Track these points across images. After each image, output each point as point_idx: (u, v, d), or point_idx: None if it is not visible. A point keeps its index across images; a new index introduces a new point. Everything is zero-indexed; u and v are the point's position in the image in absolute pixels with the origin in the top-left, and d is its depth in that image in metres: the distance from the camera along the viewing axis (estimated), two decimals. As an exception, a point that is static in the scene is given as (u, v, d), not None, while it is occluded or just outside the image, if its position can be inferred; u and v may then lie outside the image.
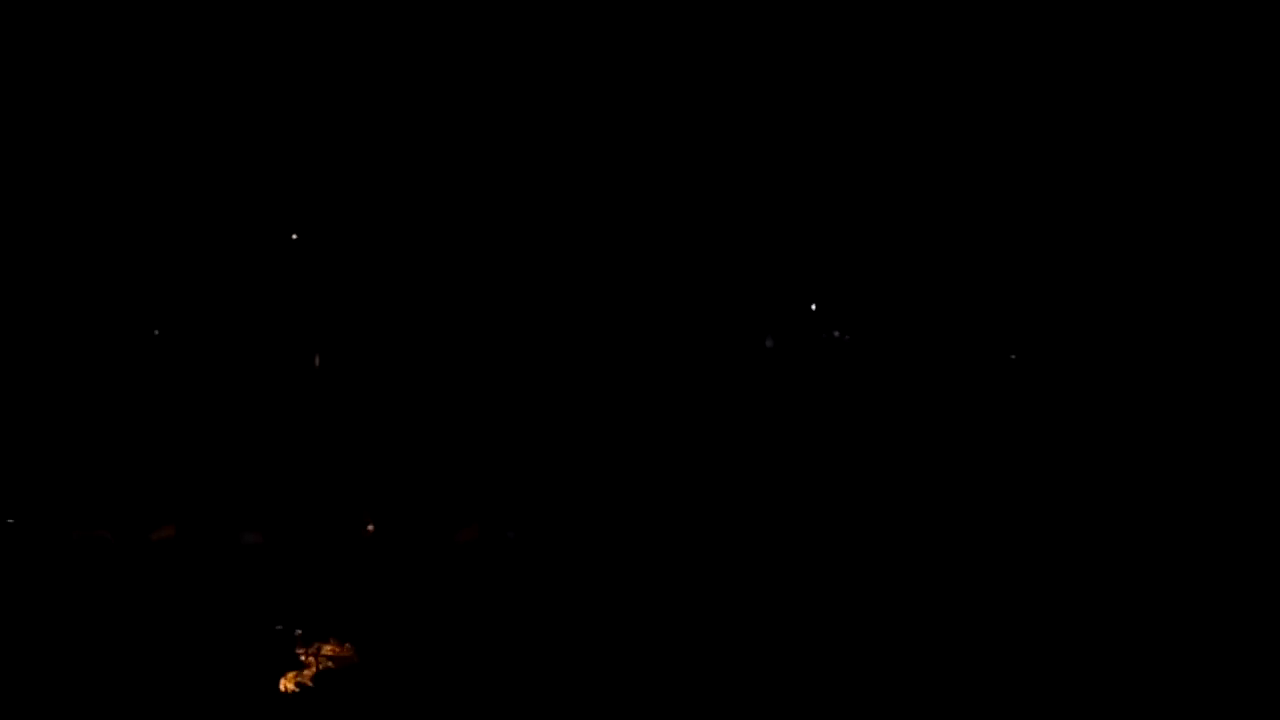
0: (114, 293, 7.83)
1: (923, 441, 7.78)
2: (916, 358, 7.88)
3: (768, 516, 7.73)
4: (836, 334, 7.86)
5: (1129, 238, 7.88)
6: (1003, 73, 7.79)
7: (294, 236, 7.84)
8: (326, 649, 7.17)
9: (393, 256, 7.96)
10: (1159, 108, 7.71)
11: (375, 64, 7.85)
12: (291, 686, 7.07)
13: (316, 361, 7.91)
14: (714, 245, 7.94)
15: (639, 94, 7.89)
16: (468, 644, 7.22)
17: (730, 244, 7.95)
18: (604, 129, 7.90)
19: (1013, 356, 7.78)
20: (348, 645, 7.20)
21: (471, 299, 7.99)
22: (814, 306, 7.86)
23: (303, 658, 7.15)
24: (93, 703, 6.97)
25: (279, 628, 7.22)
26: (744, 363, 7.87)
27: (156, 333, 7.80)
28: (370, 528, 7.63)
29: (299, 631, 7.25)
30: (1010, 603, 7.43)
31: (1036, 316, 7.89)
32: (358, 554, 7.58)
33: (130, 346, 7.82)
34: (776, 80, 7.87)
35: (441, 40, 7.80)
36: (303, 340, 7.92)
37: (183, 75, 7.82)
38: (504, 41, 7.78)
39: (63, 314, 7.81)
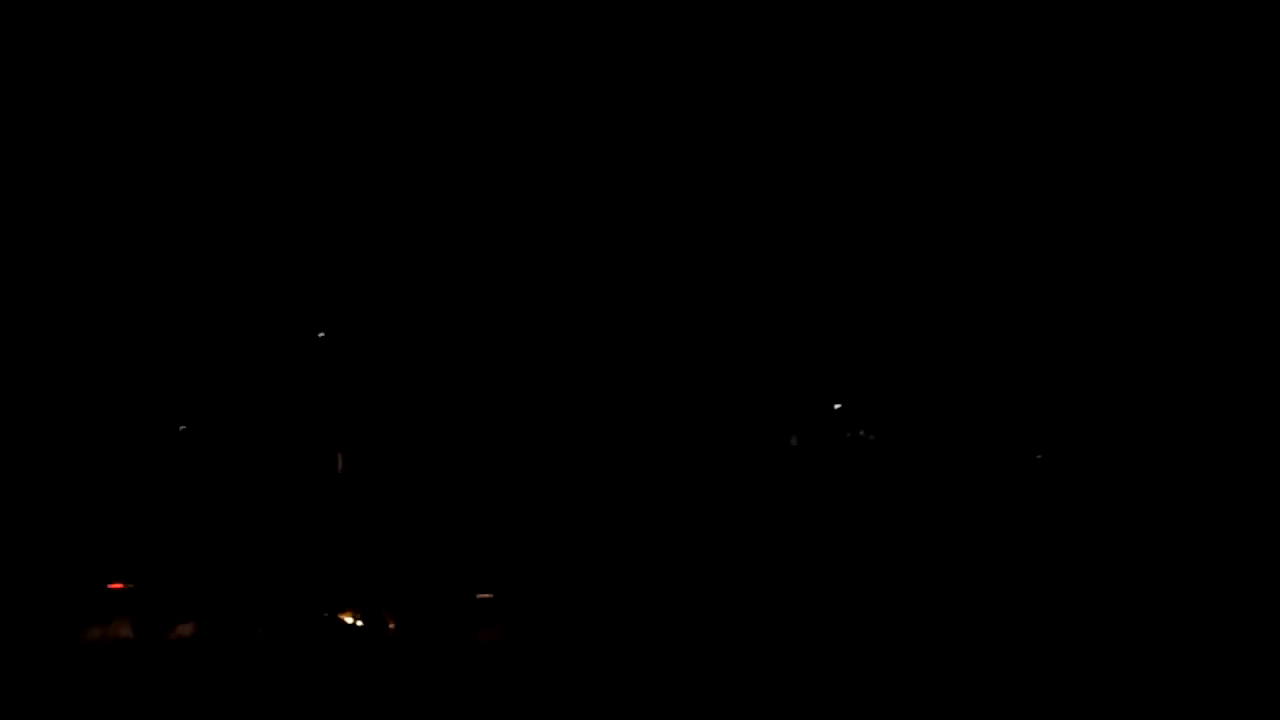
0: (135, 391, 7.86)
1: (941, 542, 7.74)
2: (940, 458, 7.84)
3: (789, 616, 7.66)
4: (861, 433, 7.83)
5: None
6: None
7: (320, 335, 7.87)
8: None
9: (413, 354, 7.98)
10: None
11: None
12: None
13: (340, 464, 7.90)
14: (741, 343, 7.95)
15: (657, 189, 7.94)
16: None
17: (756, 342, 7.95)
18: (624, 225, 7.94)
19: (1038, 456, 7.74)
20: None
21: (496, 405, 7.98)
22: (838, 406, 7.84)
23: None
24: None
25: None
26: (769, 461, 7.84)
27: (181, 428, 7.81)
28: (391, 626, 7.58)
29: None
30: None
31: (1060, 418, 7.85)
32: (378, 653, 7.51)
33: (151, 446, 7.83)
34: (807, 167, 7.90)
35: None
36: (324, 441, 7.91)
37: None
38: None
39: (83, 412, 7.83)
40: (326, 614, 7.68)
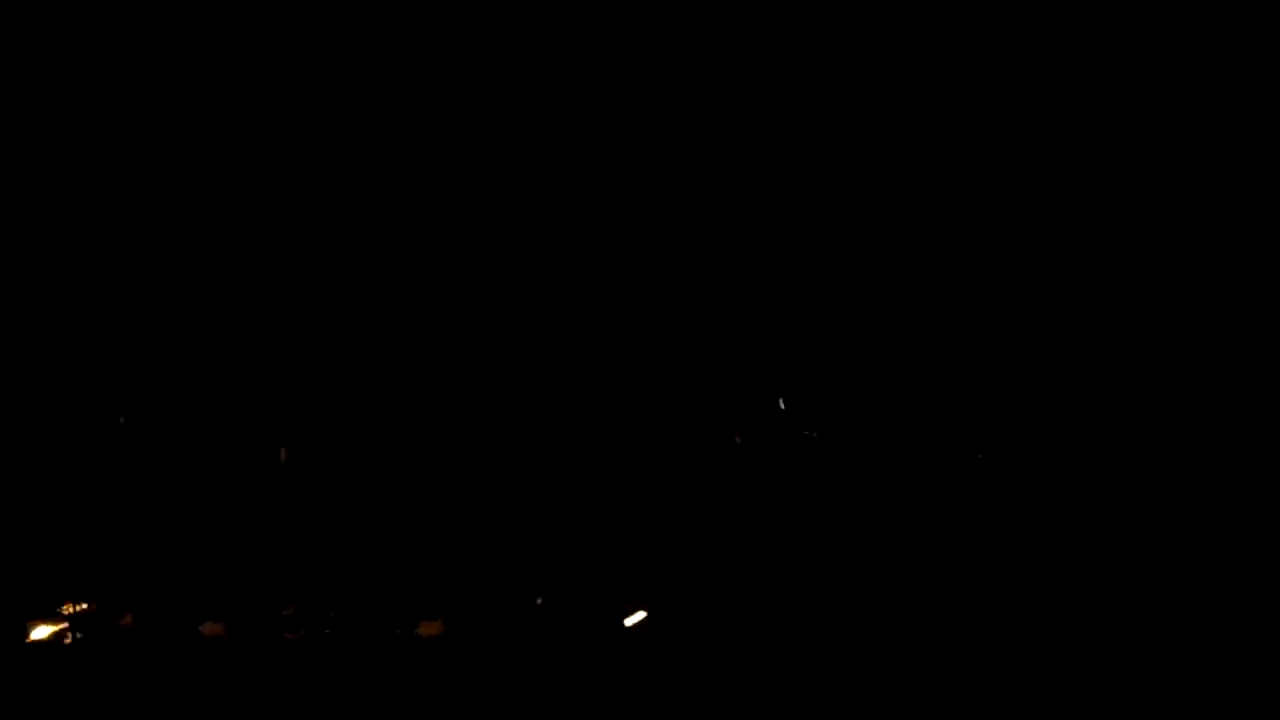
0: (83, 378, 7.81)
1: (895, 540, 7.75)
2: (889, 457, 7.87)
3: (740, 617, 7.67)
4: (806, 432, 7.86)
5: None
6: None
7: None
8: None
9: (379, 355, 7.97)
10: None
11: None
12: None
13: (283, 455, 7.87)
14: (683, 341, 7.96)
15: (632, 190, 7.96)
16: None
17: (699, 340, 7.97)
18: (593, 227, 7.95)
19: (979, 456, 7.78)
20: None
21: (438, 401, 7.98)
22: (782, 404, 7.86)
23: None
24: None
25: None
26: (712, 460, 7.85)
27: (121, 420, 7.76)
28: (333, 614, 7.56)
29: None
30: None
31: (1013, 425, 7.89)
32: (321, 647, 7.49)
33: (94, 431, 7.78)
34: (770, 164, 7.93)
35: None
36: (271, 430, 7.89)
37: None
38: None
39: (29, 399, 7.77)
40: (269, 606, 7.66)
